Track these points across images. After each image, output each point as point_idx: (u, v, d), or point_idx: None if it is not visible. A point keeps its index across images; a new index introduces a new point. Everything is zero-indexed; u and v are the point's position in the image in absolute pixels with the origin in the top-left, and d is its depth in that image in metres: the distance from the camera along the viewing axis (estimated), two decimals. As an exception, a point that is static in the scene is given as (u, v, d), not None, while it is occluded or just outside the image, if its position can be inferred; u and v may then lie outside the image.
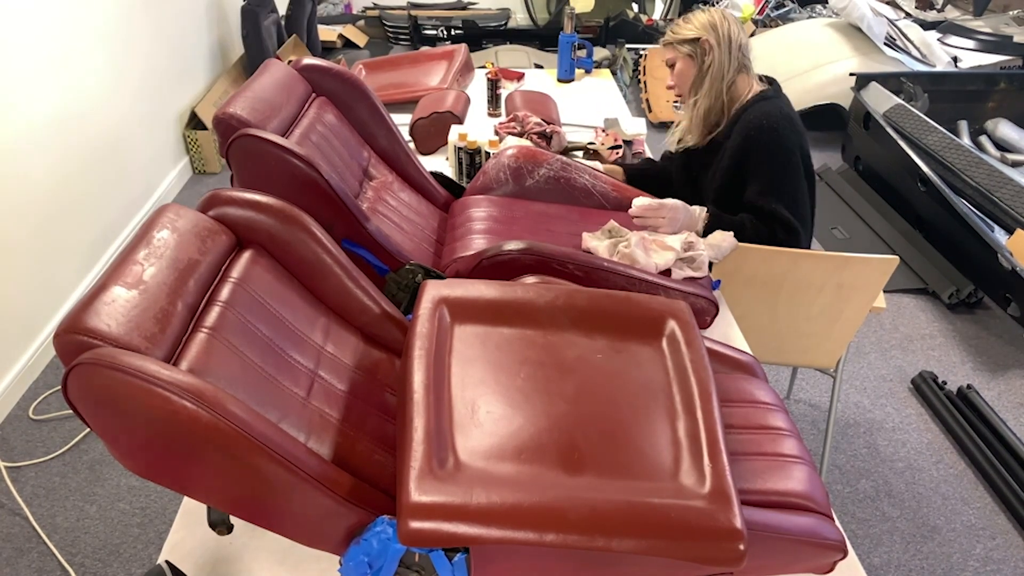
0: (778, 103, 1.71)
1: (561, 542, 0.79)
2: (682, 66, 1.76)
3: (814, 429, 2.37)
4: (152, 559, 1.92)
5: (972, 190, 2.93)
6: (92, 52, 2.83)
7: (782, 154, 1.67)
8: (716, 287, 1.56)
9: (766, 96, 1.72)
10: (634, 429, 0.92)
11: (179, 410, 0.77)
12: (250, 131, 1.30)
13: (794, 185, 1.69)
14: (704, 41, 1.70)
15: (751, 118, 1.69)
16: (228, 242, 1.06)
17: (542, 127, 2.15)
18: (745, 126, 1.69)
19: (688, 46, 1.73)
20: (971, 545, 2.00)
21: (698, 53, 1.72)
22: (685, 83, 1.77)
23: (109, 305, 0.85)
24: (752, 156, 1.68)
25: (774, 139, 1.66)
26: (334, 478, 0.88)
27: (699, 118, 1.77)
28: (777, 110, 1.68)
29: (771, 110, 1.68)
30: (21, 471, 2.15)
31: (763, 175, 1.68)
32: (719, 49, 1.69)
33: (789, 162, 1.68)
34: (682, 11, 5.55)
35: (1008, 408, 2.45)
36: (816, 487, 1.02)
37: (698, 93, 1.75)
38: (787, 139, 1.67)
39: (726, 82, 1.72)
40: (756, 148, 1.68)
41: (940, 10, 5.30)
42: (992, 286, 2.75)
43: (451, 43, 5.32)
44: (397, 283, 1.41)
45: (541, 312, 1.06)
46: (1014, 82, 3.79)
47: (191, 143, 3.70)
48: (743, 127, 1.70)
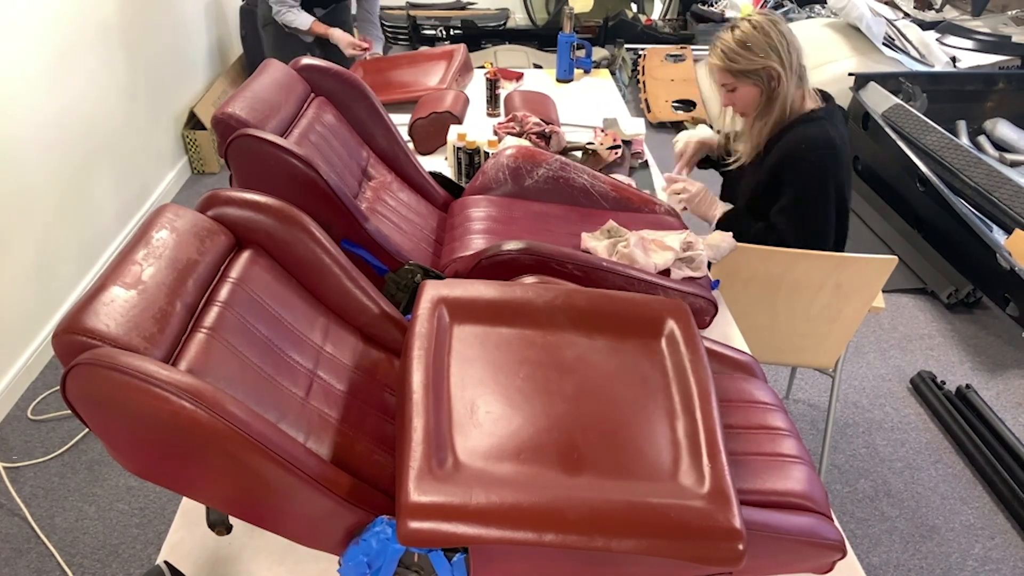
0: (824, 126, 1.65)
1: (560, 542, 0.79)
2: (745, 92, 1.69)
3: (813, 429, 2.37)
4: (151, 559, 1.92)
5: (971, 190, 2.94)
6: (91, 52, 2.83)
7: (814, 182, 1.64)
8: (715, 287, 1.57)
9: (814, 116, 1.67)
10: (633, 429, 0.92)
11: (178, 410, 0.77)
12: (249, 131, 1.30)
13: (818, 215, 1.66)
14: (771, 69, 1.62)
15: (792, 139, 1.65)
16: (227, 242, 1.06)
17: (541, 127, 2.15)
18: (785, 146, 1.66)
19: (753, 76, 1.65)
20: (970, 544, 2.00)
21: (764, 81, 1.65)
22: (750, 107, 1.71)
23: (108, 305, 0.85)
24: (785, 175, 1.66)
25: (809, 167, 1.63)
26: (333, 478, 0.88)
27: (763, 138, 1.72)
28: (822, 134, 1.63)
29: (814, 134, 1.63)
30: (20, 471, 2.15)
31: (788, 195, 1.66)
32: (786, 74, 1.63)
33: (821, 192, 1.65)
34: (681, 11, 5.54)
35: (1007, 408, 2.45)
36: (815, 487, 1.02)
37: (764, 117, 1.69)
38: (824, 169, 1.63)
39: (790, 102, 1.67)
40: (790, 170, 1.65)
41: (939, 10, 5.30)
42: (991, 286, 2.75)
43: (450, 43, 5.32)
44: (396, 283, 1.41)
45: (540, 312, 1.06)
46: (1013, 82, 3.79)
47: (190, 143, 3.70)
48: (783, 146, 1.66)
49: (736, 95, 1.71)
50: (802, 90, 1.70)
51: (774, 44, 1.61)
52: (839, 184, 1.67)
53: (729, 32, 1.67)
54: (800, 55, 1.66)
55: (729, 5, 5.31)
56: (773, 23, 1.63)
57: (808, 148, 1.63)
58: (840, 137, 1.66)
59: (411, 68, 2.74)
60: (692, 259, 1.50)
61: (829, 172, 1.64)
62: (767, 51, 1.62)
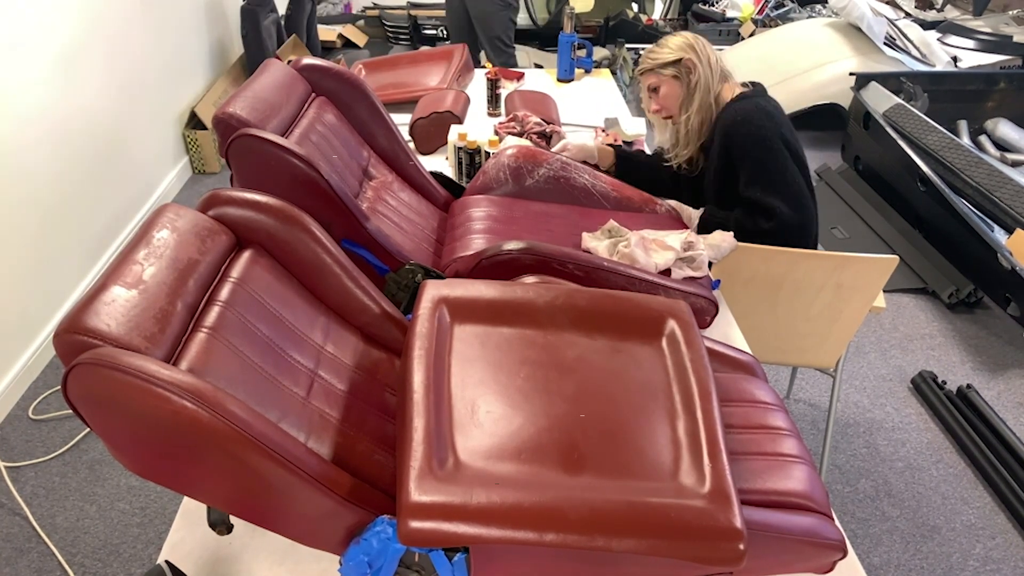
0: (753, 100, 1.73)
1: (561, 542, 0.79)
2: (668, 88, 1.80)
3: (814, 429, 2.37)
4: (152, 559, 1.92)
5: (972, 190, 2.93)
6: (92, 52, 2.83)
7: (760, 144, 1.69)
8: (716, 287, 1.56)
9: (743, 96, 1.75)
10: (634, 429, 0.92)
11: (179, 410, 0.77)
12: (250, 131, 1.30)
13: (779, 171, 1.70)
14: (687, 60, 1.75)
15: (726, 117, 1.73)
16: (228, 242, 1.06)
17: (542, 127, 2.15)
18: (722, 126, 1.73)
19: (671, 68, 1.77)
20: (971, 545, 2.00)
21: (683, 72, 1.77)
22: (673, 103, 1.81)
23: (109, 305, 0.85)
24: (734, 152, 1.71)
25: (749, 131, 1.69)
26: (334, 478, 0.88)
27: (694, 133, 1.80)
28: (751, 105, 1.72)
29: (744, 106, 1.72)
30: (21, 471, 2.15)
31: (746, 168, 1.70)
32: (702, 65, 1.74)
33: (769, 149, 1.69)
34: (682, 11, 5.55)
35: (1008, 408, 2.45)
36: (816, 487, 1.02)
37: (689, 110, 1.78)
38: (762, 128, 1.69)
39: (712, 94, 1.76)
40: (734, 143, 1.70)
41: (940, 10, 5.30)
42: (992, 286, 2.75)
43: (451, 43, 5.32)
44: (397, 283, 1.41)
45: (541, 312, 1.06)
46: (1014, 82, 3.79)
47: (191, 143, 3.70)
48: (720, 128, 1.74)
49: (661, 95, 1.82)
50: (729, 85, 1.79)
51: (689, 42, 1.77)
52: (784, 138, 1.71)
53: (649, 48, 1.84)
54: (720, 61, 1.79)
55: (730, 5, 5.30)
56: (692, 34, 1.80)
57: (742, 118, 1.70)
58: (771, 105, 1.74)
59: (412, 68, 2.74)
60: (693, 259, 1.50)
61: (768, 130, 1.70)
62: (682, 47, 1.77)
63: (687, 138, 1.81)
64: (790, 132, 1.73)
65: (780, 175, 1.69)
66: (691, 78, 1.76)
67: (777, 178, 1.69)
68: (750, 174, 1.70)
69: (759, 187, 1.69)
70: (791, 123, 1.76)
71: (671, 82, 1.79)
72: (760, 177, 1.69)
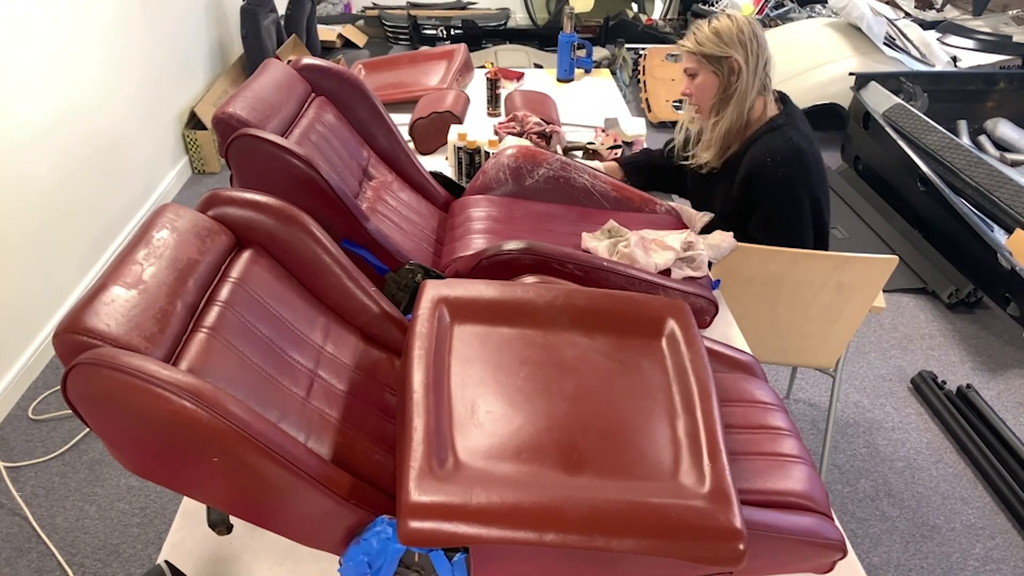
0: (787, 134, 1.64)
1: (561, 542, 0.79)
2: (705, 80, 1.68)
3: (814, 429, 2.37)
4: (152, 559, 1.92)
5: (971, 190, 2.93)
6: (91, 52, 2.83)
7: (785, 194, 1.64)
8: (716, 287, 1.56)
9: (775, 126, 1.66)
10: (634, 429, 0.92)
11: (178, 410, 0.77)
12: (249, 131, 1.30)
13: (792, 226, 1.67)
14: (733, 61, 1.62)
15: (757, 152, 1.64)
16: (227, 242, 1.06)
17: (541, 127, 2.15)
18: (750, 160, 1.65)
19: (715, 63, 1.65)
20: (970, 544, 2.00)
21: (724, 72, 1.65)
22: (706, 98, 1.70)
23: (108, 305, 0.85)
24: (756, 191, 1.66)
25: (778, 177, 1.62)
26: (334, 478, 0.88)
27: (719, 138, 1.71)
28: (785, 144, 1.63)
29: (778, 145, 1.63)
30: (21, 471, 2.15)
31: (763, 210, 1.67)
32: (747, 71, 1.63)
33: (791, 201, 1.65)
34: (681, 11, 5.54)
35: (1007, 407, 2.45)
36: (816, 487, 1.02)
37: (719, 113, 1.69)
38: (791, 178, 1.63)
39: (748, 104, 1.67)
40: (760, 184, 1.65)
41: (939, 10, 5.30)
42: (991, 286, 2.75)
43: (451, 43, 5.32)
44: (397, 283, 1.41)
45: (541, 312, 1.06)
46: (1013, 82, 3.79)
47: (190, 143, 3.70)
48: (748, 161, 1.66)
49: (696, 83, 1.71)
50: (764, 99, 1.70)
51: (744, 39, 1.62)
52: (811, 190, 1.66)
53: (706, 21, 1.68)
54: (767, 64, 1.67)
55: (730, 5, 5.30)
56: (750, 23, 1.64)
57: (774, 162, 1.62)
58: (805, 139, 1.66)
59: (411, 68, 2.74)
60: (693, 259, 1.50)
61: (798, 182, 1.64)
62: (734, 43, 1.62)
63: (710, 142, 1.74)
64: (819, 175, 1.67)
65: (793, 230, 1.67)
66: (732, 80, 1.65)
67: (790, 233, 1.67)
68: (764, 219, 1.67)
69: (767, 234, 1.66)
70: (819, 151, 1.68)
71: (710, 76, 1.67)
72: (773, 227, 1.66)
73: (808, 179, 1.65)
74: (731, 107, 1.67)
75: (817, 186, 1.68)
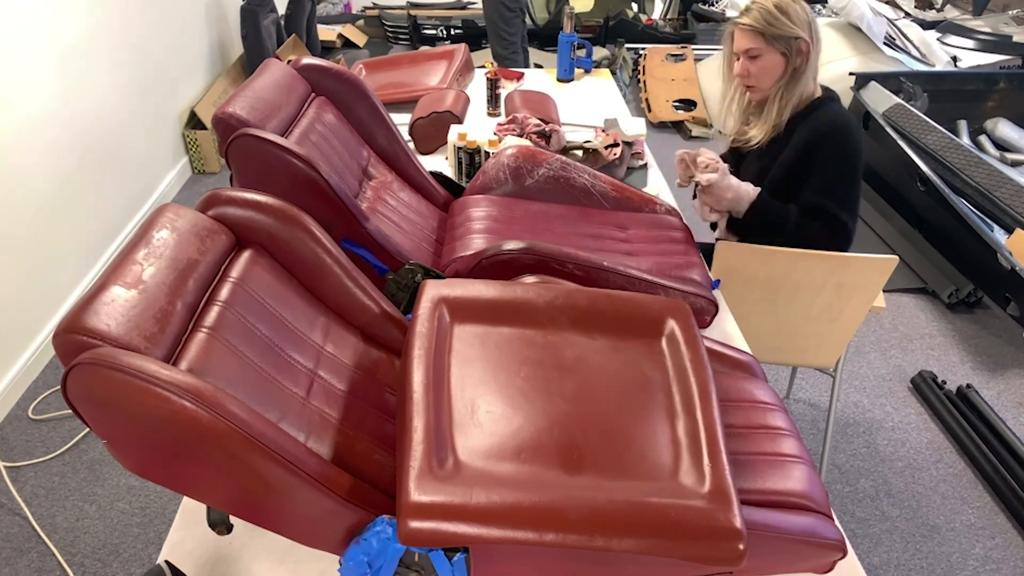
0: (841, 109, 1.69)
1: (561, 542, 0.79)
2: (770, 61, 1.65)
3: (814, 429, 2.37)
4: (152, 559, 1.92)
5: (971, 190, 2.93)
6: (92, 52, 2.83)
7: (849, 159, 1.65)
8: (716, 287, 1.57)
9: (830, 98, 1.70)
10: (634, 429, 0.92)
11: (179, 410, 0.77)
12: (249, 131, 1.30)
13: (853, 192, 1.68)
14: (802, 42, 1.62)
15: (823, 117, 1.65)
16: (227, 242, 1.06)
17: (541, 127, 2.15)
18: (816, 123, 1.66)
19: (783, 43, 1.63)
20: (970, 544, 2.00)
21: (792, 52, 1.63)
22: (769, 80, 1.68)
23: (108, 305, 0.85)
24: (820, 154, 1.65)
25: (844, 142, 1.64)
26: (334, 478, 0.88)
27: (774, 117, 1.70)
28: (845, 115, 1.67)
29: (842, 113, 1.67)
30: (21, 471, 2.15)
31: (827, 175, 1.66)
32: (814, 52, 1.63)
33: (854, 168, 1.67)
34: (681, 11, 5.54)
35: (1007, 407, 2.45)
36: (815, 486, 1.02)
37: (783, 97, 1.67)
38: (855, 144, 1.65)
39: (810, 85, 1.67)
40: (825, 146, 1.64)
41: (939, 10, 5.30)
42: (991, 285, 2.75)
43: (451, 43, 5.32)
44: (397, 283, 1.41)
45: (541, 312, 1.06)
46: (1013, 82, 3.79)
47: (191, 143, 3.70)
48: (813, 124, 1.66)
49: (759, 63, 1.67)
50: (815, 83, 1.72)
51: (809, 19, 1.63)
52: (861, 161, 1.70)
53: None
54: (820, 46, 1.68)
55: (729, 5, 5.30)
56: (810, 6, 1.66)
57: (841, 124, 1.65)
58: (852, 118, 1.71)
59: (412, 68, 2.74)
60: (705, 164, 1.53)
61: (858, 148, 1.67)
62: (804, 24, 1.62)
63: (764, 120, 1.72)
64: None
65: (855, 195, 1.69)
66: (799, 61, 1.63)
67: (853, 197, 1.68)
68: (828, 183, 1.66)
69: (834, 200, 1.66)
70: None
71: (777, 57, 1.64)
72: (838, 190, 1.66)
73: (860, 151, 1.68)
74: (796, 89, 1.67)
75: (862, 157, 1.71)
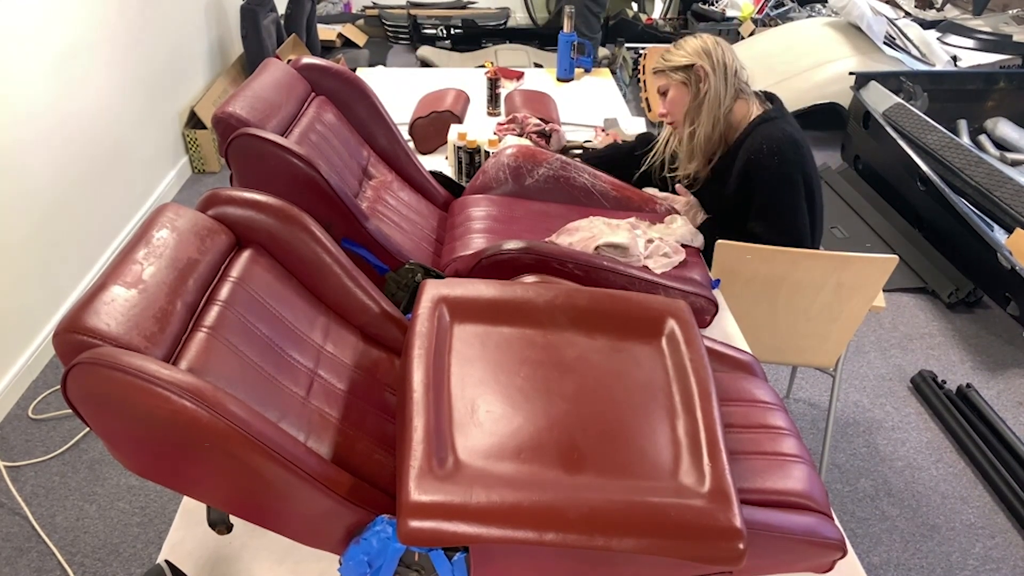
0: (780, 124, 1.67)
1: (561, 541, 0.79)
2: (675, 93, 1.73)
3: (813, 428, 2.37)
4: (152, 559, 1.92)
5: (972, 189, 2.93)
6: (91, 51, 2.83)
7: (783, 180, 1.65)
8: (716, 286, 1.57)
9: (768, 117, 1.68)
10: (634, 428, 0.92)
11: (179, 410, 0.77)
12: (249, 130, 1.30)
13: (789, 212, 1.67)
14: (699, 67, 1.67)
15: (754, 142, 1.66)
16: (227, 241, 1.06)
17: (540, 127, 2.15)
18: (747, 151, 1.67)
19: (681, 73, 1.70)
20: (970, 544, 2.00)
21: (692, 80, 1.69)
22: (679, 110, 1.74)
23: (108, 304, 0.85)
24: (755, 181, 1.67)
25: (774, 163, 1.63)
26: (334, 477, 0.88)
27: (699, 147, 1.73)
28: (779, 132, 1.65)
29: (773, 132, 1.65)
30: (21, 470, 2.15)
31: (759, 200, 1.67)
32: (714, 76, 1.66)
33: (789, 187, 1.65)
34: (682, 10, 5.55)
35: (1007, 407, 2.45)
36: (815, 486, 1.02)
37: (695, 122, 1.71)
38: (787, 164, 1.64)
39: (723, 109, 1.69)
40: (758, 173, 1.65)
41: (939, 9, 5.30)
42: (991, 285, 2.75)
43: (450, 42, 5.32)
44: (397, 282, 1.41)
45: (541, 311, 1.06)
46: (1013, 81, 3.79)
47: (190, 142, 3.70)
48: (745, 152, 1.67)
49: (669, 98, 1.75)
50: (746, 101, 1.72)
51: (708, 48, 1.68)
52: (806, 175, 1.68)
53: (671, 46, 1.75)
54: (740, 71, 1.71)
55: (729, 4, 5.30)
56: (716, 40, 1.70)
57: (771, 147, 1.64)
58: (797, 131, 1.69)
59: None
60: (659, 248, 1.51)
61: (795, 166, 1.66)
62: (698, 52, 1.68)
63: (691, 152, 1.75)
64: (812, 163, 1.70)
65: (790, 216, 1.67)
66: (700, 87, 1.68)
67: (787, 218, 1.67)
68: (760, 207, 1.67)
69: (764, 223, 1.67)
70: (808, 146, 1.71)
71: (679, 87, 1.71)
72: (769, 213, 1.67)
73: (803, 164, 1.67)
74: (704, 113, 1.70)
75: (811, 171, 1.70)
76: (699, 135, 1.71)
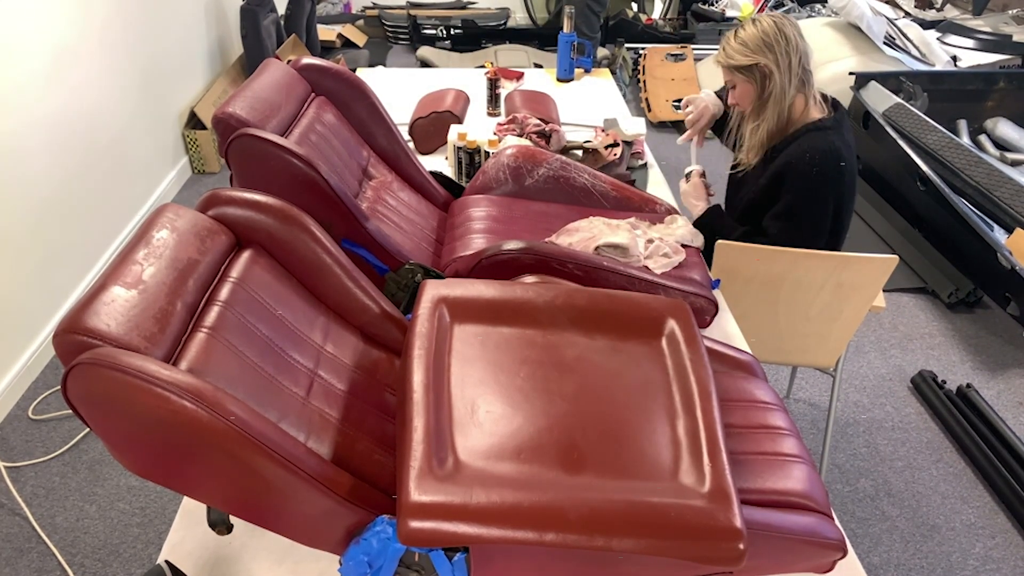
0: (831, 136, 1.64)
1: (561, 542, 0.79)
2: (742, 89, 1.71)
3: (814, 428, 2.37)
4: (152, 559, 1.92)
5: (971, 189, 2.93)
6: (91, 52, 2.83)
7: (812, 193, 1.64)
8: (716, 286, 1.56)
9: (822, 126, 1.66)
10: (634, 428, 0.92)
11: (179, 410, 0.77)
12: (249, 131, 1.30)
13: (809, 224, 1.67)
14: (764, 66, 1.64)
15: (800, 147, 1.65)
16: (227, 242, 1.06)
17: (540, 127, 2.15)
18: (791, 153, 1.66)
19: (747, 72, 1.67)
20: (970, 544, 2.00)
21: (758, 78, 1.66)
22: (747, 104, 1.73)
23: (108, 305, 0.85)
24: (785, 183, 1.66)
25: (810, 175, 1.63)
26: (334, 478, 0.88)
27: (761, 142, 1.72)
28: (827, 144, 1.63)
29: (820, 144, 1.63)
30: (21, 471, 2.15)
31: (785, 202, 1.67)
32: (779, 72, 1.63)
33: (815, 202, 1.65)
34: (681, 10, 5.54)
35: (1007, 407, 2.45)
36: (816, 486, 1.02)
37: (760, 117, 1.70)
38: (823, 178, 1.63)
39: (787, 101, 1.67)
40: (791, 177, 1.65)
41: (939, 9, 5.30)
42: (991, 285, 2.75)
43: (450, 42, 5.32)
44: (397, 283, 1.41)
45: (541, 312, 1.06)
46: (1013, 81, 3.79)
47: (190, 143, 3.70)
48: (789, 154, 1.66)
49: (737, 92, 1.74)
50: (804, 95, 1.69)
51: (770, 42, 1.62)
52: (839, 197, 1.66)
53: (734, 31, 1.69)
54: (804, 58, 1.66)
55: (729, 4, 5.30)
56: (777, 24, 1.63)
57: (813, 158, 1.62)
58: (847, 148, 1.65)
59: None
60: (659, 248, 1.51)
61: (831, 184, 1.64)
62: (761, 48, 1.63)
63: (754, 146, 1.74)
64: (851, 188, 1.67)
65: (809, 230, 1.67)
66: (767, 84, 1.65)
67: (805, 230, 1.67)
68: (784, 210, 1.67)
69: (780, 225, 1.67)
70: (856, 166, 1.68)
71: (745, 85, 1.69)
72: (789, 219, 1.67)
73: (839, 185, 1.65)
74: (769, 109, 1.68)
75: (846, 194, 1.67)
76: (762, 130, 1.71)
